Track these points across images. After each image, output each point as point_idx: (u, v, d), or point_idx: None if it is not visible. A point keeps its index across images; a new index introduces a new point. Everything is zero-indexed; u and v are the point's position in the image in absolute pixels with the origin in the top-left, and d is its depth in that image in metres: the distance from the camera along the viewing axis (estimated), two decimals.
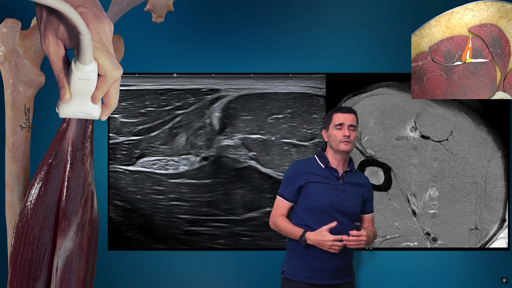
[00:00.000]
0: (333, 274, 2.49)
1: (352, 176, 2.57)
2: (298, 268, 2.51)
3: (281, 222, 2.52)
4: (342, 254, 2.47)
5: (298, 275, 2.51)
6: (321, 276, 2.48)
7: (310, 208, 2.50)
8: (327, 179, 2.51)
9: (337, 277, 2.50)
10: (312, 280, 2.49)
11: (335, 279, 2.50)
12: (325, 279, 2.48)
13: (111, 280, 3.18)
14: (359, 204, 2.55)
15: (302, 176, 2.52)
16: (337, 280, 2.50)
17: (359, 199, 2.55)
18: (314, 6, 3.23)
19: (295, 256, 2.53)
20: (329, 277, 2.48)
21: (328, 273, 2.48)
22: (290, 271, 2.53)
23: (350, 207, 2.51)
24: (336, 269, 2.49)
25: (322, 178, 2.52)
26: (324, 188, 2.50)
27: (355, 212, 2.53)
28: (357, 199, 2.54)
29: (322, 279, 2.48)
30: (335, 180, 2.52)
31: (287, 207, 2.55)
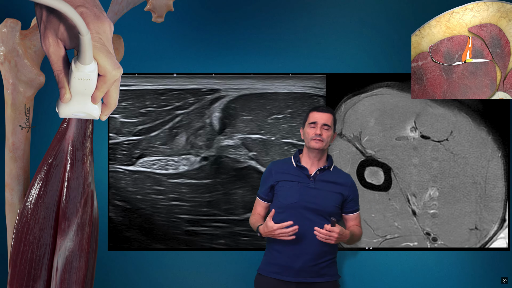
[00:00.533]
0: (301, 271, 2.51)
1: (328, 174, 2.61)
2: (268, 263, 2.59)
3: (252, 219, 2.65)
4: (310, 252, 2.50)
5: (268, 270, 2.58)
6: (288, 273, 2.52)
7: (279, 206, 2.57)
8: (296, 177, 2.58)
9: (307, 275, 2.52)
10: (280, 276, 2.54)
11: (304, 277, 2.52)
12: (292, 276, 2.52)
13: (111, 280, 3.18)
14: (334, 202, 2.57)
15: (274, 176, 2.62)
16: (307, 278, 2.52)
17: (335, 197, 2.58)
18: (314, 6, 3.23)
19: (267, 252, 2.61)
20: (296, 274, 2.52)
21: (294, 270, 2.51)
22: (262, 266, 2.62)
23: (321, 204, 2.54)
24: (304, 266, 2.51)
25: (292, 177, 2.59)
26: (293, 186, 2.56)
27: (328, 210, 2.55)
28: (332, 197, 2.57)
29: (290, 276, 2.52)
30: (306, 178, 2.57)
31: (263, 206, 2.66)
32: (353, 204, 2.67)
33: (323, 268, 2.55)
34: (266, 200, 2.66)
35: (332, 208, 2.57)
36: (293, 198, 2.53)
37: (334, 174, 2.63)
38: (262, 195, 2.67)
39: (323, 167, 2.60)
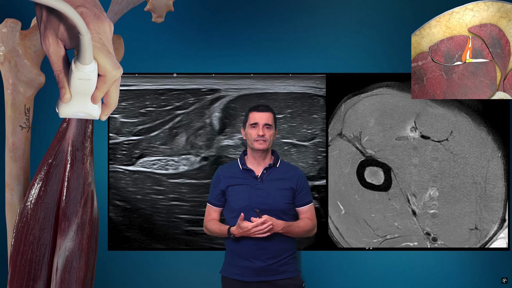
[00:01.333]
0: (260, 270, 2.54)
1: (275, 171, 2.61)
2: (229, 265, 2.61)
3: (211, 224, 2.64)
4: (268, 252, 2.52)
5: (230, 272, 2.60)
6: (248, 273, 2.54)
7: (231, 210, 2.59)
8: (244, 180, 2.59)
9: (267, 274, 2.54)
10: (241, 277, 2.56)
11: (264, 275, 2.54)
12: (253, 276, 2.54)
13: (111, 280, 3.18)
14: (284, 199, 2.58)
15: (223, 180, 2.62)
16: (267, 276, 2.54)
17: (283, 193, 2.58)
18: (314, 6, 3.23)
19: (227, 254, 2.63)
20: (256, 273, 2.54)
21: (253, 269, 2.53)
22: (224, 268, 2.63)
23: (271, 204, 2.55)
24: (263, 266, 2.53)
25: (240, 180, 2.59)
26: (242, 190, 2.57)
27: (279, 207, 2.56)
28: (281, 194, 2.58)
29: (250, 276, 2.54)
30: (253, 180, 2.58)
31: (217, 211, 2.66)
32: (304, 197, 2.64)
33: (282, 265, 2.57)
34: (219, 206, 2.66)
35: (283, 205, 2.58)
36: (244, 202, 2.55)
37: (281, 170, 2.63)
38: (214, 201, 2.66)
39: (269, 165, 2.61)
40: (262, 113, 2.59)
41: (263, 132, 2.56)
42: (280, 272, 2.57)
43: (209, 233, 2.69)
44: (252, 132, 2.58)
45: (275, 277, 2.56)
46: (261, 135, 2.56)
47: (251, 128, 2.59)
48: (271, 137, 2.60)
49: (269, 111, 2.63)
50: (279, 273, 2.57)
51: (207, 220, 2.68)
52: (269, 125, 2.58)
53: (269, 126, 2.59)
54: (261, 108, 2.62)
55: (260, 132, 2.56)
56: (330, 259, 3.20)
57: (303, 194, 2.64)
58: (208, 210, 2.69)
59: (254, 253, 2.53)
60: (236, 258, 2.57)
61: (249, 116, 2.63)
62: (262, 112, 2.60)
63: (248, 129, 2.61)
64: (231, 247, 2.59)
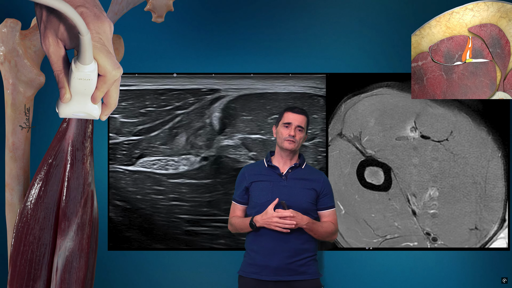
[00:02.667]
0: (278, 269, 2.51)
1: (300, 171, 2.63)
2: (247, 264, 2.59)
3: (235, 219, 2.65)
4: (286, 250, 2.51)
5: (247, 271, 2.58)
6: (266, 272, 2.52)
7: (253, 206, 2.59)
8: (268, 177, 2.61)
9: (285, 273, 2.52)
10: (259, 276, 2.54)
11: (282, 275, 2.52)
12: (270, 275, 2.52)
13: (111, 280, 3.18)
14: (307, 198, 2.58)
15: (248, 178, 2.64)
16: (285, 276, 2.52)
17: (307, 193, 2.59)
18: (314, 6, 3.23)
19: (246, 253, 2.62)
20: (274, 273, 2.52)
21: (271, 268, 2.51)
22: (242, 268, 2.62)
23: (294, 201, 2.55)
24: (280, 265, 2.51)
25: (264, 177, 2.62)
26: (265, 185, 2.59)
27: (302, 206, 2.56)
28: (304, 193, 2.58)
29: (268, 275, 2.52)
30: (277, 177, 2.60)
31: (241, 209, 2.67)
32: (327, 201, 2.64)
33: (302, 266, 2.54)
34: (243, 203, 2.67)
35: (306, 204, 2.57)
36: (266, 197, 2.55)
37: (306, 171, 2.64)
38: (238, 199, 2.68)
39: (294, 165, 2.62)
40: (297, 115, 2.62)
41: (295, 133, 2.58)
42: (299, 272, 2.54)
43: (233, 229, 2.68)
44: (284, 131, 2.60)
45: (293, 278, 2.53)
46: (292, 135, 2.58)
47: (283, 127, 2.61)
48: (301, 140, 2.62)
49: (303, 114, 2.65)
50: (297, 273, 2.53)
51: (231, 217, 2.69)
52: (301, 127, 2.61)
53: (301, 129, 2.61)
54: (297, 110, 2.64)
55: (292, 133, 2.58)
56: (330, 259, 3.20)
57: (326, 198, 2.64)
58: (232, 208, 2.71)
59: (273, 250, 2.51)
60: (255, 256, 2.55)
61: (283, 115, 2.64)
62: (297, 114, 2.62)
63: (280, 128, 2.63)
64: (251, 245, 2.58)
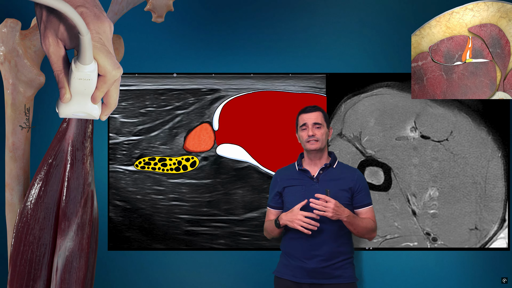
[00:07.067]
0: (313, 272, 2.47)
1: (331, 172, 2.56)
2: (283, 266, 2.57)
3: (266, 224, 2.62)
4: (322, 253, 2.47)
5: (284, 272, 2.55)
6: (300, 274, 2.50)
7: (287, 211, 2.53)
8: (300, 181, 2.55)
9: (320, 276, 2.48)
10: (294, 278, 2.51)
11: (317, 278, 2.48)
12: (306, 277, 2.49)
13: (111, 280, 3.18)
14: (341, 199, 2.49)
15: (280, 182, 2.61)
16: (320, 279, 2.48)
17: (341, 194, 2.51)
18: (314, 6, 3.23)
19: (282, 255, 2.60)
20: (309, 275, 2.48)
21: (306, 270, 2.48)
22: (278, 269, 2.60)
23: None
24: (316, 267, 2.47)
25: (296, 181, 2.57)
26: (298, 190, 2.54)
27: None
28: (338, 195, 2.50)
29: (303, 277, 2.49)
30: (309, 180, 2.54)
31: (274, 214, 2.63)
32: (363, 198, 2.56)
33: (337, 269, 2.49)
34: (276, 208, 2.63)
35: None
36: (299, 201, 2.48)
37: (338, 170, 2.57)
38: (271, 203, 2.65)
39: (325, 165, 2.56)
40: (310, 114, 2.56)
41: (313, 132, 2.53)
42: (335, 276, 2.49)
43: (266, 233, 2.65)
44: (303, 134, 2.56)
45: (328, 281, 2.48)
46: (311, 135, 2.52)
47: (302, 131, 2.57)
48: (323, 136, 2.55)
49: (317, 110, 2.58)
50: (333, 277, 2.48)
51: (265, 222, 2.66)
52: (318, 124, 2.54)
53: (319, 125, 2.54)
54: (308, 109, 2.59)
55: (310, 133, 2.52)
56: None
57: (362, 195, 2.56)
58: (267, 213, 2.67)
59: (308, 253, 2.48)
60: (290, 258, 2.53)
61: (298, 118, 2.61)
62: (310, 113, 2.57)
63: (299, 132, 2.59)
64: (286, 248, 2.56)
